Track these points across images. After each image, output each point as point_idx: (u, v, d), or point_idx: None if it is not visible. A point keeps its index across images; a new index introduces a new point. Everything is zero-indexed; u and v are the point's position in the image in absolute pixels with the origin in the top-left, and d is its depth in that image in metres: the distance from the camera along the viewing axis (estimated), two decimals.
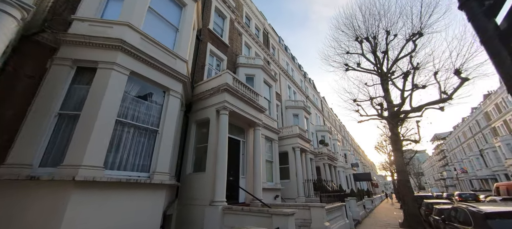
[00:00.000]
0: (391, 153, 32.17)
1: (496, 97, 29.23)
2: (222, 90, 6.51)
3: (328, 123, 31.40)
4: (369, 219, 12.55)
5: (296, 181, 11.45)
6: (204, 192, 5.76)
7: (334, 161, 19.69)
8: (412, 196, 9.93)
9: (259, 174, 7.26)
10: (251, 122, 7.89)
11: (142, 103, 5.13)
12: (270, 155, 10.60)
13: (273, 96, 12.11)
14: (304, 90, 22.76)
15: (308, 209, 5.96)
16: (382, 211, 17.70)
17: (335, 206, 7.11)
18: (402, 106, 11.28)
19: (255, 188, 7.09)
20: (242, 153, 7.69)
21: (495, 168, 31.41)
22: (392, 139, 11.21)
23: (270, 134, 10.62)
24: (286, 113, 16.17)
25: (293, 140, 12.23)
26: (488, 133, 33.53)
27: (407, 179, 10.34)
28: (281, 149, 12.55)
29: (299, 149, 12.08)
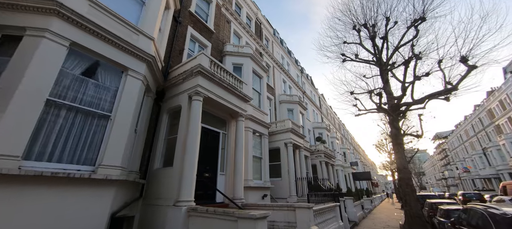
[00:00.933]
0: (391, 151, 31.20)
1: (500, 94, 28.26)
2: (196, 72, 5.63)
3: (327, 120, 30.51)
4: (368, 220, 11.66)
5: (288, 180, 10.57)
6: (170, 190, 4.89)
7: (332, 159, 18.80)
8: (415, 196, 9.02)
9: (240, 171, 6.39)
10: (234, 112, 7.01)
11: (90, 83, 4.25)
12: (259, 151, 9.72)
13: (263, 88, 11.22)
14: (301, 86, 21.87)
15: (293, 211, 5.08)
16: (382, 211, 16.80)
17: (326, 206, 6.23)
18: (402, 98, 10.38)
19: (236, 187, 6.21)
20: (222, 147, 6.81)
21: (499, 167, 30.43)
22: (392, 134, 10.31)
23: (259, 128, 9.74)
24: (280, 108, 15.29)
25: (285, 135, 11.35)
26: (492, 131, 32.55)
27: (409, 177, 9.43)
28: (272, 145, 11.68)
29: (291, 145, 11.20)
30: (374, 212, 16.47)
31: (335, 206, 7.04)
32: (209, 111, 6.60)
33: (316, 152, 16.64)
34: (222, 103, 6.37)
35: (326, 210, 6.32)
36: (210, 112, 6.66)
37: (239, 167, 6.42)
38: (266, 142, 10.05)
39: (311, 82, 28.24)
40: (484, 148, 35.18)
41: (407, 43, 10.46)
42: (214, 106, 6.57)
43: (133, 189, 5.01)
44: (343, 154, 31.40)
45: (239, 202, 5.92)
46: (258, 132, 9.66)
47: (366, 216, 13.14)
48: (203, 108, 6.35)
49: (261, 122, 9.89)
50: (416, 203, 8.94)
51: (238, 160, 6.50)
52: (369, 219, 12.00)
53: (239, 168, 6.40)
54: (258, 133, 9.77)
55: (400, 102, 10.25)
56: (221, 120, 7.17)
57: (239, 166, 6.44)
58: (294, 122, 12.09)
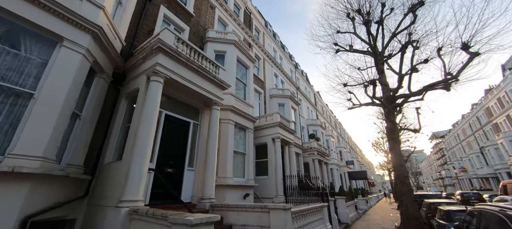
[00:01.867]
0: (388, 150, 30.54)
1: (498, 92, 27.72)
2: (156, 49, 4.76)
3: (322, 118, 29.77)
4: (361, 222, 10.87)
5: (275, 178, 9.74)
6: (117, 187, 4.01)
7: (326, 157, 18.01)
8: (412, 196, 8.23)
9: (212, 166, 5.53)
10: (207, 99, 6.15)
11: (5, 53, 3.37)
12: (243, 146, 8.88)
13: (249, 79, 10.37)
14: (295, 81, 21.06)
15: (267, 213, 4.24)
16: (378, 212, 16.06)
17: (311, 207, 5.40)
18: (398, 89, 9.59)
19: (205, 184, 5.35)
20: (192, 139, 5.93)
21: (497, 166, 29.93)
22: (388, 129, 9.52)
23: (243, 121, 8.90)
24: (270, 102, 14.46)
25: (273, 129, 10.51)
26: (490, 129, 32.05)
27: (405, 175, 8.63)
28: (259, 141, 10.84)
29: (280, 140, 10.36)
30: (369, 212, 15.72)
31: (322, 207, 6.21)
32: (177, 98, 5.73)
33: (309, 149, 15.83)
34: (191, 89, 5.50)
35: (311, 211, 5.48)
36: (179, 99, 5.79)
37: (211, 162, 5.56)
38: (250, 136, 9.21)
39: (306, 79, 27.46)
40: (481, 147, 34.70)
41: (404, 29, 9.68)
42: (184, 92, 5.71)
43: (73, 186, 4.13)
44: (339, 153, 30.66)
45: (207, 202, 5.06)
46: (241, 125, 8.81)
47: (360, 217, 12.36)
48: (170, 94, 5.51)
49: (246, 114, 9.04)
50: (413, 203, 8.15)
51: (210, 154, 5.64)
52: (363, 221, 11.22)
53: (211, 164, 5.54)
54: (242, 127, 8.93)
55: (396, 94, 9.47)
56: (194, 108, 6.30)
57: (211, 161, 5.58)
58: (283, 116, 11.26)
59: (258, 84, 13.55)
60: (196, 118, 6.26)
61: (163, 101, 5.33)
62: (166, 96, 5.40)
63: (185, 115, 5.88)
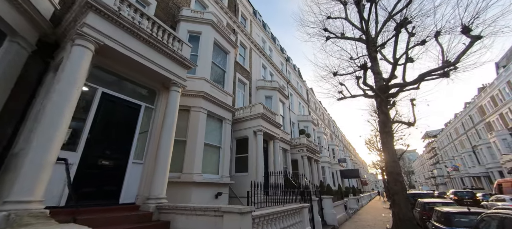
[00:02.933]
0: (381, 149, 29.98)
1: (492, 90, 27.43)
2: (84, 6, 3.68)
3: (315, 115, 28.96)
4: (350, 223, 10.01)
5: (255, 174, 8.75)
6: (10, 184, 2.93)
7: (316, 155, 17.15)
8: (405, 195, 7.40)
9: (164, 160, 4.49)
10: (165, 79, 5.10)
11: None
12: (218, 139, 7.86)
13: (229, 65, 9.34)
14: (285, 75, 20.11)
15: (221, 217, 3.24)
16: (369, 212, 15.30)
17: (284, 210, 4.42)
18: (391, 78, 8.72)
19: (154, 181, 4.31)
20: (142, 126, 4.87)
21: (489, 165, 29.77)
22: (380, 121, 8.66)
23: (218, 111, 7.88)
24: (256, 94, 13.45)
25: (255, 121, 9.51)
26: (482, 128, 31.89)
27: (398, 172, 7.77)
28: (240, 134, 9.83)
29: (262, 133, 9.37)
30: (360, 212, 14.94)
31: (301, 209, 5.25)
32: (124, 75, 4.65)
33: (297, 146, 14.91)
34: (142, 64, 4.43)
35: (285, 214, 4.51)
36: (127, 76, 4.71)
37: (163, 154, 4.52)
38: (228, 128, 8.19)
39: (299, 74, 26.57)
40: (473, 146, 34.60)
41: (399, 12, 8.78)
42: (133, 68, 4.63)
43: None
44: (332, 151, 29.96)
45: (153, 204, 4.02)
46: (216, 115, 7.79)
47: (350, 218, 11.52)
48: (112, 68, 4.43)
49: (222, 103, 8.02)
50: (406, 203, 7.31)
51: (163, 144, 4.60)
52: (352, 221, 10.36)
53: (163, 157, 4.50)
54: (217, 117, 7.90)
55: (388, 83, 8.60)
56: (148, 90, 5.23)
57: (163, 153, 4.53)
58: (267, 108, 10.27)
59: (243, 74, 12.53)
60: (150, 101, 5.19)
61: (99, 76, 4.25)
62: (104, 70, 4.32)
63: (134, 97, 4.81)
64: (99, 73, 4.22)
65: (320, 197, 8.51)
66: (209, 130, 7.48)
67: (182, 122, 6.94)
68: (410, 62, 9.36)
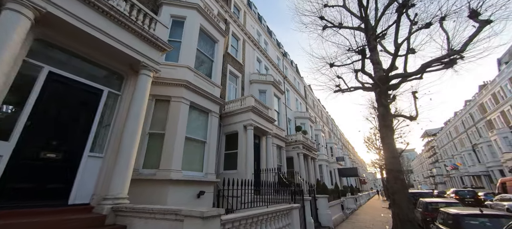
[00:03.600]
0: (380, 147, 29.37)
1: (493, 87, 26.85)
2: None
3: (313, 112, 28.34)
4: (347, 224, 9.39)
5: (244, 172, 8.12)
6: None
7: (313, 152, 16.53)
8: (406, 194, 6.77)
9: (127, 154, 3.84)
10: (133, 61, 4.43)
11: None
12: (203, 133, 7.20)
13: (218, 55, 8.66)
14: (282, 70, 19.43)
15: (181, 221, 2.59)
16: (368, 212, 14.71)
17: (268, 211, 3.78)
18: (391, 69, 8.07)
19: (113, 178, 3.66)
20: (104, 114, 4.20)
21: (489, 164, 29.26)
22: (379, 114, 8.03)
23: (204, 103, 7.22)
24: (250, 88, 12.79)
25: (245, 115, 8.85)
26: (483, 126, 31.37)
27: (399, 169, 7.14)
28: (230, 129, 9.19)
29: (253, 128, 8.71)
30: (358, 212, 14.34)
31: (289, 210, 4.61)
32: (81, 54, 3.97)
33: (293, 143, 14.27)
34: (101, 40, 3.76)
35: (269, 216, 3.87)
36: (85, 55, 4.03)
37: (127, 147, 3.86)
38: (214, 122, 7.54)
39: (296, 70, 25.92)
40: (474, 145, 34.10)
41: None
42: (93, 47, 3.96)
43: None
44: (330, 149, 29.38)
45: (109, 204, 3.36)
46: (201, 107, 7.13)
47: (347, 218, 10.91)
48: (64, 45, 3.75)
49: (209, 95, 7.36)
50: (407, 203, 6.69)
51: (127, 136, 3.94)
52: (349, 222, 9.75)
53: (126, 149, 3.84)
54: (202, 109, 7.25)
55: (389, 74, 7.95)
56: (114, 73, 4.55)
57: (127, 145, 3.87)
58: (259, 101, 9.61)
59: (235, 67, 11.85)
60: (116, 86, 4.51)
61: (46, 52, 3.57)
62: (53, 46, 3.64)
63: (94, 80, 4.12)
64: (45, 49, 3.55)
65: (314, 197, 7.88)
66: (192, 123, 6.83)
67: (161, 114, 6.30)
68: (411, 53, 8.74)
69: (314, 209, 7.69)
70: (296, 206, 4.86)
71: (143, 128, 6.05)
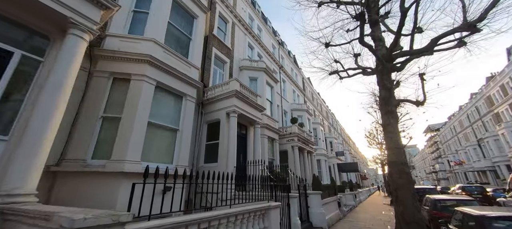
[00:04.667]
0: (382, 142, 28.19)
1: (502, 78, 25.50)
2: None
3: (312, 106, 27.23)
4: (343, 223, 8.40)
5: (225, 165, 7.12)
6: None
7: (310, 146, 15.50)
8: (412, 191, 5.76)
9: (36, 135, 2.84)
10: (58, 16, 3.38)
11: None
12: (175, 119, 6.20)
13: (197, 32, 7.60)
14: (278, 59, 18.29)
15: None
16: (368, 209, 13.72)
17: (227, 213, 2.79)
18: (395, 45, 6.94)
19: (14, 166, 2.66)
20: (14, 82, 3.17)
21: (495, 159, 28.09)
22: (381, 99, 6.96)
23: (177, 85, 6.20)
24: (240, 75, 11.72)
25: (228, 101, 7.81)
26: (489, 120, 30.08)
27: (403, 161, 6.10)
28: (211, 117, 8.18)
29: (236, 115, 7.68)
30: (357, 209, 13.36)
31: (265, 210, 3.60)
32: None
33: (287, 135, 13.24)
34: None
35: (231, 219, 2.86)
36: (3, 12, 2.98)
37: (36, 126, 2.85)
38: (189, 107, 6.52)
39: (294, 61, 24.73)
40: (479, 139, 32.88)
41: None
42: None
43: None
44: (330, 144, 28.34)
45: None
46: (172, 89, 6.11)
47: (344, 217, 9.92)
48: None
49: (182, 75, 6.32)
50: (413, 201, 5.67)
51: (40, 112, 2.92)
52: (346, 221, 8.75)
53: (35, 131, 2.84)
54: (173, 92, 6.22)
55: (392, 52, 6.84)
56: (36, 34, 3.51)
57: (37, 125, 2.86)
58: (245, 86, 8.55)
59: (222, 51, 10.77)
60: (37, 51, 3.48)
61: None
62: None
63: (3, 40, 3.09)
64: None
65: (305, 193, 6.87)
66: (160, 107, 5.81)
67: (121, 95, 5.28)
68: (418, 32, 7.63)
69: (305, 208, 6.70)
70: (275, 205, 3.85)
71: (95, 111, 5.07)
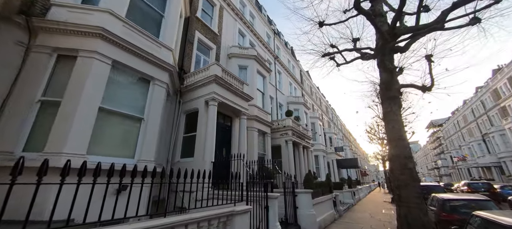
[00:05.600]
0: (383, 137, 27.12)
1: (510, 70, 24.31)
2: None
3: (310, 100, 26.25)
4: (339, 225, 7.51)
5: (201, 159, 6.23)
6: None
7: (306, 140, 14.58)
8: (417, 189, 4.86)
9: None
10: None
11: None
12: (140, 106, 5.30)
13: (171, 10, 6.65)
14: (273, 49, 17.28)
15: None
16: (367, 208, 12.86)
17: (177, 221, 1.90)
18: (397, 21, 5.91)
19: None
20: None
21: (501, 154, 27.04)
22: (382, 82, 6.02)
23: (140, 65, 5.30)
24: (228, 63, 10.78)
25: (207, 88, 6.88)
26: (495, 114, 28.95)
27: (407, 154, 5.17)
28: (189, 107, 7.28)
29: (215, 103, 6.75)
30: (355, 208, 12.49)
31: (228, 216, 2.72)
32: None
33: (281, 129, 12.33)
34: None
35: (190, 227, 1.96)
36: None
37: None
38: (159, 93, 5.63)
39: (292, 53, 23.67)
40: (484, 134, 31.79)
41: None
42: None
43: None
44: (329, 140, 27.43)
45: None
46: (135, 70, 5.19)
47: (340, 217, 9.03)
48: None
49: (148, 55, 5.42)
50: (418, 200, 4.78)
51: None
52: (341, 223, 7.87)
53: None
54: (137, 74, 5.31)
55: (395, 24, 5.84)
56: None
57: None
58: (229, 71, 7.60)
59: (207, 36, 9.81)
60: None
61: None
62: None
63: None
64: None
65: (293, 192, 5.97)
66: (118, 91, 4.91)
67: (65, 76, 4.37)
68: (425, 11, 6.72)
69: (293, 209, 5.82)
70: (241, 210, 2.97)
71: (32, 94, 4.16)
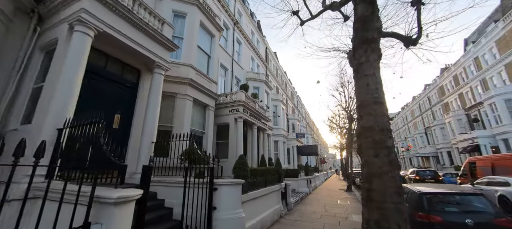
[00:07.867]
0: (344, 126, 27.17)
1: (456, 68, 26.32)
2: None
3: (275, 82, 24.43)
4: (282, 227, 5.61)
5: (39, 129, 3.39)
6: None
7: (262, 122, 12.56)
8: (396, 180, 2.91)
9: None
10: None
11: None
12: None
13: None
14: (232, 12, 14.41)
15: None
16: (322, 197, 11.69)
17: None
18: None
19: None
20: None
21: (439, 146, 30.02)
22: (357, 18, 3.93)
23: None
24: (158, 6, 7.64)
25: (77, 4, 3.89)
26: (438, 109, 31.85)
27: (385, 127, 3.22)
28: (44, 40, 4.18)
29: (83, 31, 3.84)
30: (310, 198, 11.15)
31: None
32: None
33: (231, 103, 9.94)
34: None
35: None
36: None
37: None
38: None
39: (258, 27, 21.10)
40: (426, 128, 35.07)
41: None
42: None
43: None
44: (292, 126, 26.41)
45: None
46: None
47: (288, 213, 7.25)
48: None
49: None
50: (397, 196, 2.90)
51: None
52: (287, 223, 6.00)
53: None
54: None
55: None
56: None
57: None
58: None
59: None
60: None
61: None
62: None
63: None
64: None
65: (212, 183, 3.69)
66: None
67: None
68: None
69: (207, 210, 3.57)
70: None
71: None
